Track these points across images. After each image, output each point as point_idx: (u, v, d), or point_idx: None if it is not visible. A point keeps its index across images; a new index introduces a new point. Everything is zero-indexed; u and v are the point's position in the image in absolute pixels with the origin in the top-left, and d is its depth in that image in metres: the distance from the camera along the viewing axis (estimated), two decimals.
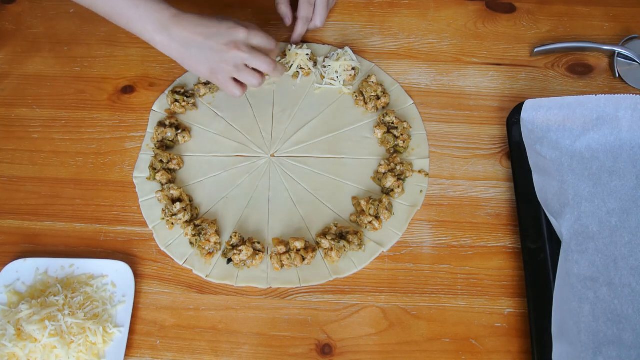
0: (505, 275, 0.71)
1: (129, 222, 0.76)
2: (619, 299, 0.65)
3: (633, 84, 0.84)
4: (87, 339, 0.65)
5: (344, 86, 0.85)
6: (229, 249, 0.72)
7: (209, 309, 0.70)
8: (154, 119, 0.84)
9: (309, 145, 0.81)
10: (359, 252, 0.72)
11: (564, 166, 0.74)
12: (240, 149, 0.81)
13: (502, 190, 0.77)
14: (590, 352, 0.62)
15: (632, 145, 0.75)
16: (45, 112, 0.85)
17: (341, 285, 0.71)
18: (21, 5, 0.97)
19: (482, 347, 0.67)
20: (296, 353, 0.67)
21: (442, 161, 0.79)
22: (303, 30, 0.85)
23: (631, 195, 0.72)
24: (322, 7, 0.83)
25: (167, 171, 0.78)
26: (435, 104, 0.84)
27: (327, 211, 0.76)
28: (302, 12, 0.83)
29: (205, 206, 0.77)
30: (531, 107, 0.76)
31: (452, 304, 0.69)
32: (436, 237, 0.74)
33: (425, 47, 0.89)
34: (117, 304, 0.69)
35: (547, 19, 0.91)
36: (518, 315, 0.68)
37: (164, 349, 0.67)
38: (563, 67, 0.87)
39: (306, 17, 0.83)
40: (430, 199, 0.76)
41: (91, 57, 0.90)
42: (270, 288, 0.71)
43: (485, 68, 0.87)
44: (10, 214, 0.77)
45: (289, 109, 0.84)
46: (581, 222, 0.71)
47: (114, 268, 0.71)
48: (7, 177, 0.80)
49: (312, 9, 0.83)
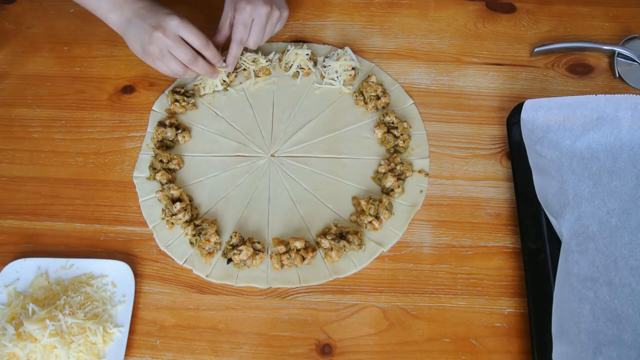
0: (505, 275, 0.71)
1: (129, 222, 0.76)
2: (619, 299, 0.65)
3: (633, 84, 0.84)
4: (87, 339, 0.65)
5: (344, 86, 0.85)
6: (229, 249, 0.72)
7: (209, 309, 0.70)
8: (154, 118, 0.84)
9: (309, 145, 0.81)
10: (359, 252, 0.72)
11: (564, 166, 0.74)
12: (240, 148, 0.81)
13: (502, 190, 0.77)
14: (590, 352, 0.62)
15: (632, 145, 0.75)
16: (45, 112, 0.85)
17: (341, 285, 0.71)
18: (21, 5, 0.97)
19: (482, 347, 0.67)
20: (296, 353, 0.67)
21: (442, 161, 0.79)
22: (238, 53, 0.82)
23: (631, 195, 0.72)
24: (256, 28, 0.79)
25: (167, 171, 0.78)
26: (435, 104, 0.84)
27: (327, 211, 0.76)
28: (237, 34, 0.80)
29: (205, 206, 0.77)
30: (531, 107, 0.76)
31: (452, 304, 0.69)
32: (436, 237, 0.74)
33: (425, 47, 0.89)
34: (117, 304, 0.69)
35: (547, 19, 0.92)
36: (518, 315, 0.68)
37: (164, 348, 0.67)
38: (563, 67, 0.87)
39: (240, 39, 0.80)
40: (430, 199, 0.76)
41: (91, 57, 0.90)
42: (270, 288, 0.71)
43: (485, 68, 0.87)
44: (10, 214, 0.77)
45: (289, 109, 0.84)
46: (581, 222, 0.71)
47: (114, 268, 0.71)
48: (7, 177, 0.80)
49: (248, 32, 0.80)
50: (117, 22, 0.78)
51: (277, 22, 0.82)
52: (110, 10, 0.77)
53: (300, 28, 0.92)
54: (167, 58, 0.77)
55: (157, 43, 0.75)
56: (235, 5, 0.79)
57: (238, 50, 0.81)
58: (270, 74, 0.87)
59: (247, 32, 0.80)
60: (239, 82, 0.87)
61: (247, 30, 0.80)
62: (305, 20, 0.93)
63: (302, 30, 0.92)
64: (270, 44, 0.91)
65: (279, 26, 0.83)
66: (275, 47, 0.90)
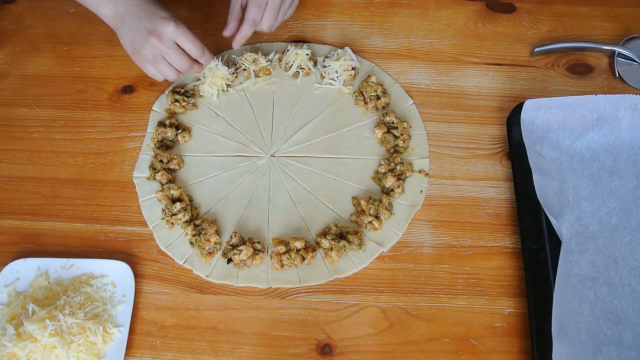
0: (505, 275, 0.71)
1: (129, 222, 0.76)
2: (619, 299, 0.65)
3: (633, 84, 0.84)
4: (87, 339, 0.65)
5: (344, 86, 0.85)
6: (229, 249, 0.72)
7: (209, 308, 0.70)
8: (154, 118, 0.84)
9: (309, 145, 0.81)
10: (359, 252, 0.72)
11: (564, 166, 0.74)
12: (240, 148, 0.81)
13: (502, 190, 0.77)
14: (590, 352, 0.62)
15: (632, 145, 0.75)
16: (45, 112, 0.85)
17: (341, 285, 0.71)
18: (21, 5, 0.97)
19: (482, 347, 0.67)
20: (296, 353, 0.67)
21: (442, 161, 0.79)
22: (248, 33, 0.79)
23: (631, 195, 0.72)
24: (271, 10, 0.77)
25: (167, 171, 0.78)
26: (435, 104, 0.84)
27: (327, 211, 0.76)
28: (250, 14, 0.77)
29: (205, 206, 0.77)
30: (531, 107, 0.76)
31: (452, 304, 0.69)
32: (436, 237, 0.74)
33: (425, 47, 0.89)
34: (117, 304, 0.69)
35: (547, 19, 0.92)
36: (518, 315, 0.68)
37: (164, 348, 0.67)
38: (563, 67, 0.87)
39: (253, 19, 0.77)
40: (430, 199, 0.76)
41: (91, 57, 0.90)
42: (270, 288, 0.71)
43: (485, 68, 0.87)
44: (10, 214, 0.77)
45: (289, 109, 0.84)
46: (581, 222, 0.71)
47: (114, 268, 0.71)
48: (7, 177, 0.80)
49: (261, 12, 0.78)
50: (110, 17, 0.76)
51: (290, 7, 0.80)
52: (102, 3, 0.75)
53: (300, 28, 0.92)
54: (160, 63, 0.76)
55: (151, 48, 0.74)
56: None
57: (249, 31, 0.79)
58: (270, 74, 0.87)
59: (260, 13, 0.77)
60: (239, 82, 0.87)
61: (260, 11, 0.77)
62: (305, 20, 0.93)
63: (302, 30, 0.92)
64: (270, 44, 0.91)
65: (289, 12, 0.82)
66: (275, 47, 0.90)
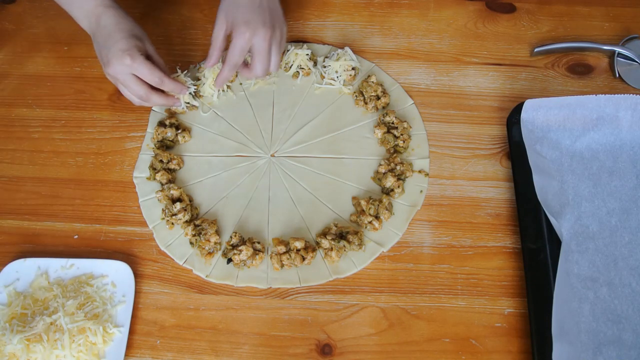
0: (505, 275, 0.71)
1: (129, 222, 0.76)
2: (619, 299, 0.65)
3: (633, 84, 0.84)
4: (87, 339, 0.65)
5: (344, 86, 0.85)
6: (229, 249, 0.72)
7: (209, 309, 0.70)
8: (154, 118, 0.84)
9: (309, 145, 0.81)
10: (359, 252, 0.72)
11: (564, 166, 0.74)
12: (240, 149, 0.81)
13: (502, 190, 0.77)
14: (590, 352, 0.62)
15: (632, 145, 0.75)
16: (45, 112, 0.85)
17: (341, 285, 0.71)
18: (21, 5, 0.97)
19: (482, 347, 0.67)
20: (296, 353, 0.67)
21: (442, 161, 0.79)
22: (228, 76, 0.77)
23: (631, 195, 0.72)
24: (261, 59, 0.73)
25: (167, 171, 0.78)
26: (435, 104, 0.84)
27: (327, 211, 0.76)
28: (231, 59, 0.73)
29: (205, 206, 0.77)
30: (531, 107, 0.76)
31: (452, 304, 0.69)
32: (436, 237, 0.74)
33: (425, 47, 0.89)
34: (117, 304, 0.69)
35: (547, 19, 0.91)
36: (518, 315, 0.68)
37: (164, 349, 0.67)
38: (563, 67, 0.87)
39: (234, 64, 0.74)
40: (430, 199, 0.76)
41: (91, 57, 0.90)
42: (270, 288, 0.71)
43: (485, 68, 0.87)
44: (10, 214, 0.77)
45: (289, 109, 0.84)
46: (581, 222, 0.71)
47: (114, 268, 0.71)
48: (7, 177, 0.80)
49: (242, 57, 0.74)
50: (87, 30, 0.77)
51: (281, 40, 0.76)
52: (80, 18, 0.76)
53: (300, 28, 0.92)
54: (123, 88, 0.75)
55: (111, 75, 0.73)
56: (233, 27, 0.72)
57: (229, 74, 0.76)
58: (270, 74, 0.87)
59: (242, 57, 0.74)
60: (239, 82, 0.87)
61: (242, 56, 0.73)
62: (305, 20, 0.93)
63: (302, 30, 0.92)
64: None
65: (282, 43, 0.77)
66: None
